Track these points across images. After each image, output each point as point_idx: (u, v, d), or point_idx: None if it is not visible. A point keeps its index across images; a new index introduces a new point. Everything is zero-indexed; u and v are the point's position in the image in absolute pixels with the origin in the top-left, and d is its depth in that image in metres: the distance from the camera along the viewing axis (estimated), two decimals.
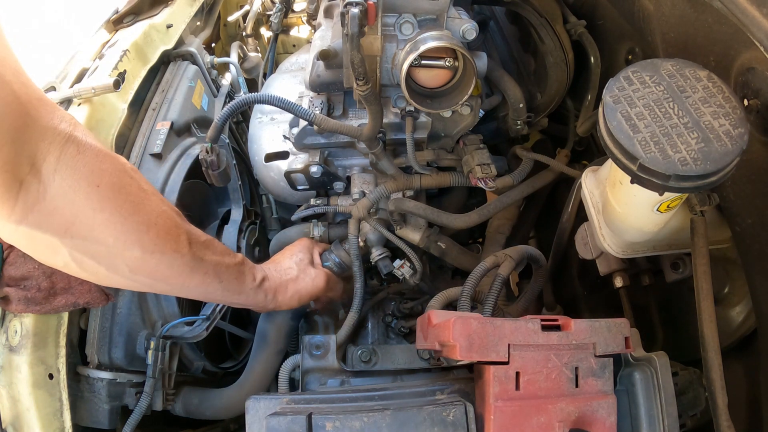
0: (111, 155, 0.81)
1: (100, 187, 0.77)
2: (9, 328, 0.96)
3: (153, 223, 0.83)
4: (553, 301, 1.48)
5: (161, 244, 0.84)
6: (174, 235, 0.86)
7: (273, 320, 1.23)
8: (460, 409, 0.79)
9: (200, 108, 1.55)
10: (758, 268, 0.90)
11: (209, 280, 0.94)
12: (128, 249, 0.81)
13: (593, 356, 0.79)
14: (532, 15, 1.39)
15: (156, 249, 0.84)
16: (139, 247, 0.82)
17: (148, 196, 0.85)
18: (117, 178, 0.80)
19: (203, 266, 0.92)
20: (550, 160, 1.39)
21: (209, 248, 0.94)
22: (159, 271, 0.86)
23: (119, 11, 1.53)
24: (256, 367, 1.21)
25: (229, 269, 0.98)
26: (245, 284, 1.03)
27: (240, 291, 1.02)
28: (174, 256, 0.86)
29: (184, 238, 0.88)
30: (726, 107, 0.74)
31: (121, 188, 0.80)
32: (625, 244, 1.05)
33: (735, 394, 0.96)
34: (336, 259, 1.27)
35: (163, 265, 0.86)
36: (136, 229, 0.81)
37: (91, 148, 0.77)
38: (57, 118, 0.74)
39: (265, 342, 1.22)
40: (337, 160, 1.34)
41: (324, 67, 1.19)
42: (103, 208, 0.78)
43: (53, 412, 0.96)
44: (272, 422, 0.79)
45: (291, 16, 2.35)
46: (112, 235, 0.79)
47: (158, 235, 0.84)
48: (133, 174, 0.84)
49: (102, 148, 0.79)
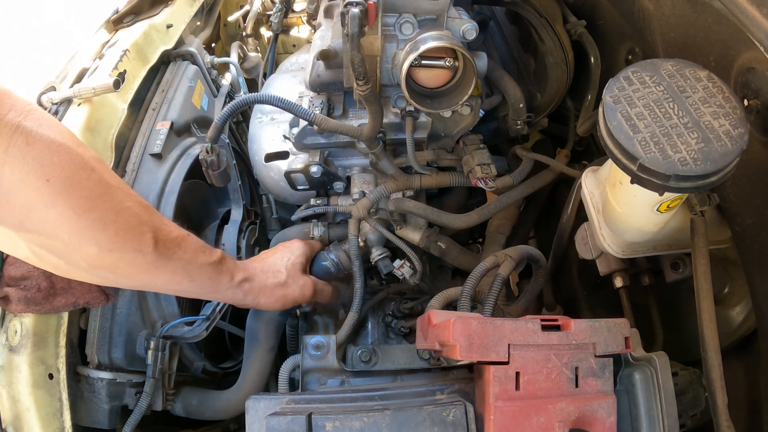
0: (66, 146, 0.76)
1: (51, 181, 0.73)
2: (9, 328, 0.96)
3: (111, 221, 0.79)
4: (553, 301, 1.48)
5: (120, 242, 0.80)
6: (136, 234, 0.82)
7: (260, 318, 1.22)
8: (460, 409, 0.79)
9: (200, 108, 1.55)
10: (758, 268, 0.90)
11: (178, 279, 0.92)
12: (84, 246, 0.78)
13: (593, 356, 0.79)
14: (532, 15, 1.39)
15: (114, 247, 0.80)
16: (96, 244, 0.78)
17: (109, 190, 0.80)
18: (71, 172, 0.75)
19: (171, 265, 0.89)
20: (550, 160, 1.39)
21: (180, 246, 0.90)
22: (120, 268, 0.83)
23: (119, 11, 1.53)
24: (251, 368, 1.22)
25: (202, 268, 0.95)
26: (221, 284, 1.00)
27: (215, 290, 1.00)
28: (135, 255, 0.83)
29: (148, 237, 0.84)
30: (726, 107, 0.74)
31: (74, 183, 0.75)
32: (625, 244, 1.05)
33: (735, 394, 0.96)
34: (334, 259, 1.27)
35: (123, 262, 0.83)
36: (91, 226, 0.77)
37: (42, 140, 0.72)
38: (5, 107, 0.70)
39: (256, 341, 1.22)
40: (337, 160, 1.34)
41: (324, 67, 1.19)
42: (55, 204, 0.74)
43: (53, 412, 0.96)
44: (272, 422, 0.79)
45: (291, 16, 2.35)
46: (67, 231, 0.76)
47: (117, 233, 0.80)
48: (95, 166, 0.79)
49: (55, 139, 0.74)
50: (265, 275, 1.10)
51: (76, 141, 0.79)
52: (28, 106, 0.74)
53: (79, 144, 0.79)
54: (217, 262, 0.98)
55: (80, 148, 0.79)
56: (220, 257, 0.99)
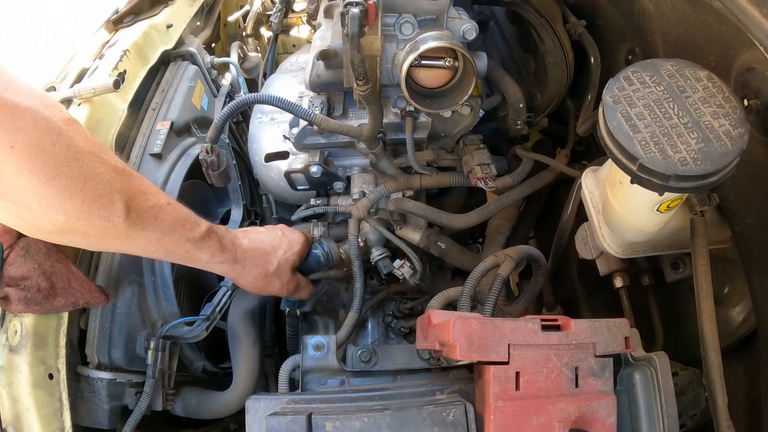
0: (32, 110, 0.73)
1: (15, 148, 0.71)
2: (9, 328, 0.96)
3: (78, 189, 0.76)
4: (553, 301, 1.48)
5: (86, 211, 0.78)
6: (105, 203, 0.79)
7: (235, 315, 1.22)
8: (460, 409, 0.79)
9: (200, 108, 1.55)
10: (758, 268, 0.90)
11: (153, 249, 0.90)
12: (51, 214, 0.76)
13: (593, 356, 0.79)
14: (532, 15, 1.39)
15: (81, 216, 0.77)
16: (63, 213, 0.76)
17: (78, 156, 0.77)
18: (36, 138, 0.72)
19: (144, 235, 0.86)
20: (550, 160, 1.39)
21: (157, 217, 0.87)
22: (90, 235, 0.81)
23: (119, 11, 1.53)
24: (239, 367, 1.22)
25: (179, 243, 0.91)
26: (198, 260, 0.97)
27: (191, 263, 0.97)
28: (104, 223, 0.80)
29: (119, 206, 0.81)
30: (726, 107, 0.74)
31: (40, 150, 0.73)
32: (625, 244, 1.05)
33: (735, 394, 0.96)
34: (326, 249, 1.24)
35: (93, 230, 0.80)
36: (57, 194, 0.75)
37: (6, 105, 0.70)
38: None
39: (237, 339, 1.22)
40: (337, 160, 1.34)
41: (324, 67, 1.19)
42: (20, 171, 0.72)
43: (53, 412, 0.96)
44: (272, 422, 0.79)
45: (291, 16, 2.36)
46: (34, 199, 0.74)
47: (83, 202, 0.77)
48: (63, 130, 0.76)
49: (20, 103, 0.72)
50: (253, 261, 1.06)
51: (46, 103, 0.76)
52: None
53: (48, 106, 0.76)
54: (198, 239, 0.94)
55: (49, 110, 0.76)
56: (203, 233, 0.95)
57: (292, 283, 1.15)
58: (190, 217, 0.94)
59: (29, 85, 0.76)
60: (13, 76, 0.74)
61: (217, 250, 0.98)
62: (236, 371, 1.22)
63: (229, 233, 1.03)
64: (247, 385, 1.21)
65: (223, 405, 1.19)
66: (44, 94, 0.79)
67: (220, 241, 0.99)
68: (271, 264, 1.09)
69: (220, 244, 0.99)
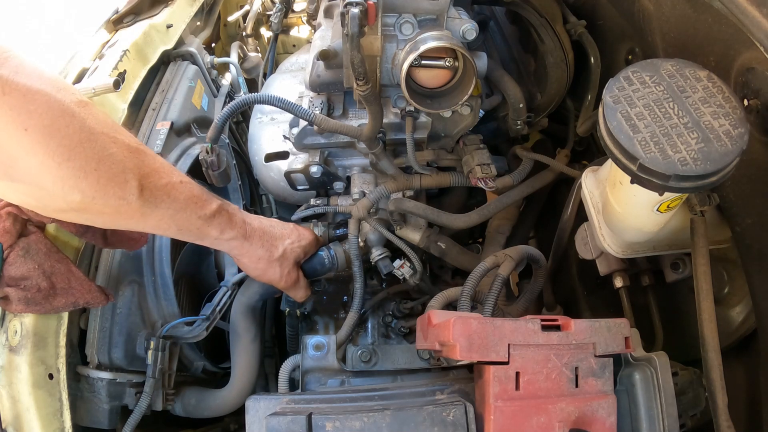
0: (44, 93, 0.74)
1: (29, 130, 0.72)
2: (9, 328, 0.96)
3: (93, 169, 0.78)
4: (553, 301, 1.48)
5: (102, 190, 0.79)
6: (119, 181, 0.81)
7: (237, 310, 1.22)
8: (460, 409, 0.79)
9: (200, 108, 1.55)
10: (758, 268, 0.90)
11: (165, 226, 0.92)
12: (68, 194, 0.77)
13: (593, 356, 0.79)
14: (532, 15, 1.39)
15: (97, 195, 0.79)
16: (79, 192, 0.77)
17: (92, 137, 0.78)
18: (49, 120, 0.73)
19: (157, 213, 0.88)
20: (550, 160, 1.39)
21: (169, 195, 0.89)
22: (106, 213, 0.83)
23: (119, 11, 1.53)
24: (238, 363, 1.22)
25: (190, 220, 0.94)
26: (207, 236, 0.99)
27: (200, 240, 1.00)
28: (119, 202, 0.82)
29: (133, 185, 0.83)
30: (726, 107, 0.74)
31: (53, 131, 0.74)
32: (625, 244, 1.05)
33: (735, 394, 0.96)
34: (332, 253, 1.25)
35: (108, 208, 0.82)
36: (72, 175, 0.76)
37: (18, 88, 0.71)
38: None
39: (237, 335, 1.22)
40: (337, 160, 1.34)
41: (324, 67, 1.19)
42: (35, 152, 0.73)
43: (53, 412, 0.96)
44: (272, 422, 0.79)
45: (291, 16, 2.36)
46: (49, 180, 0.75)
47: (98, 181, 0.78)
48: (76, 111, 0.77)
49: (32, 86, 0.73)
50: (260, 241, 1.08)
51: (58, 85, 0.77)
52: (5, 53, 0.72)
53: (60, 89, 0.77)
54: (209, 216, 0.96)
55: (61, 93, 0.77)
56: (214, 210, 0.97)
57: (291, 276, 1.15)
58: (202, 195, 0.96)
59: (40, 68, 0.77)
60: (24, 59, 0.75)
61: (227, 226, 1.00)
62: (234, 367, 1.22)
63: (240, 212, 1.05)
64: (245, 381, 1.21)
65: (221, 402, 1.19)
66: (56, 76, 0.80)
67: (230, 218, 1.02)
68: (276, 249, 1.11)
69: (230, 221, 1.01)
